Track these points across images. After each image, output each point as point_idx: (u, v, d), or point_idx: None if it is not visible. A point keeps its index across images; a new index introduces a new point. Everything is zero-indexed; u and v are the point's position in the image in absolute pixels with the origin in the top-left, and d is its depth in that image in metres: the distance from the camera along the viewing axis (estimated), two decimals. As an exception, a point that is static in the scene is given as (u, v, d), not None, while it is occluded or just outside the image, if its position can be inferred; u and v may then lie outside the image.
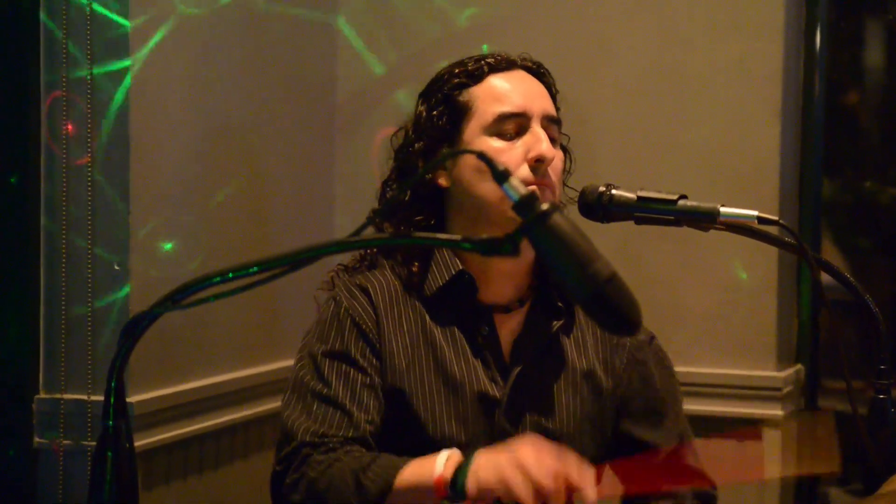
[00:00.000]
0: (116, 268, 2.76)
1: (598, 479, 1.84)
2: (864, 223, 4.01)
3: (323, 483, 1.91)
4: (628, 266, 3.07)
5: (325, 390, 2.02)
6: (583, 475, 1.76)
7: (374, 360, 2.05)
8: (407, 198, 2.13)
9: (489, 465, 1.78)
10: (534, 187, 2.02)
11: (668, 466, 2.08)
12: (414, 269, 2.10)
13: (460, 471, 1.81)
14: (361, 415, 2.00)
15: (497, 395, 2.08)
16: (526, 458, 1.76)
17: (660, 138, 3.40)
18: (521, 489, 1.73)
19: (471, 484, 1.79)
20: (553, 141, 2.09)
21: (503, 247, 1.35)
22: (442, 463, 1.84)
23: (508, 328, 2.12)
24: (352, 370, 2.03)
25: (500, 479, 1.75)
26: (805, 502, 3.52)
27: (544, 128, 2.08)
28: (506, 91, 2.09)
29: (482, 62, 2.11)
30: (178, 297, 1.37)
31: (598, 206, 1.99)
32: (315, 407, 2.01)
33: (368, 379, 2.03)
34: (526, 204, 1.36)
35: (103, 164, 2.76)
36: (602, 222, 2.01)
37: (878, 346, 1.85)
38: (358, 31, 3.65)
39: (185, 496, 2.99)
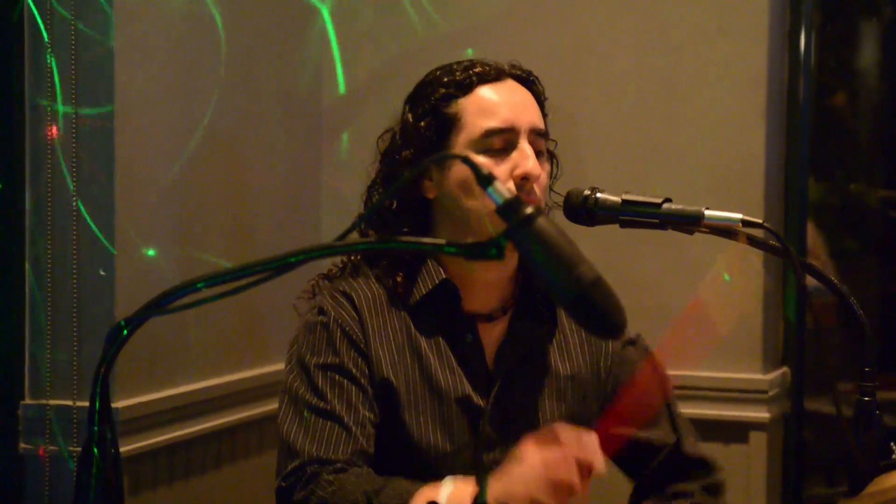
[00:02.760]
0: (101, 273, 2.76)
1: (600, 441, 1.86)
2: (850, 225, 4.02)
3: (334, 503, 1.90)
4: (613, 269, 3.06)
5: (322, 404, 2.00)
6: (588, 449, 1.79)
7: (366, 369, 2.04)
8: (394, 206, 2.11)
9: (503, 488, 1.78)
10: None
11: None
12: (398, 279, 2.09)
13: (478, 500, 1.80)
14: (359, 430, 1.99)
15: (481, 403, 2.07)
16: (533, 463, 1.77)
17: (645, 141, 3.41)
18: (544, 498, 1.75)
19: None
20: (540, 154, 2.07)
21: (488, 251, 1.35)
22: (444, 499, 1.81)
23: (492, 336, 2.11)
24: (346, 382, 2.01)
25: (520, 496, 1.76)
26: (791, 503, 3.53)
27: (531, 142, 2.05)
28: (494, 104, 2.05)
29: (471, 72, 2.08)
30: (163, 303, 1.37)
31: (583, 210, 1.99)
32: (313, 422, 1.99)
33: (362, 392, 2.02)
34: (510, 208, 1.36)
35: (88, 171, 2.75)
36: (587, 226, 2.01)
37: (864, 349, 1.85)
38: (344, 36, 3.65)
39: (171, 502, 2.99)
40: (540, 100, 2.14)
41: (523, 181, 2.02)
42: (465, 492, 1.79)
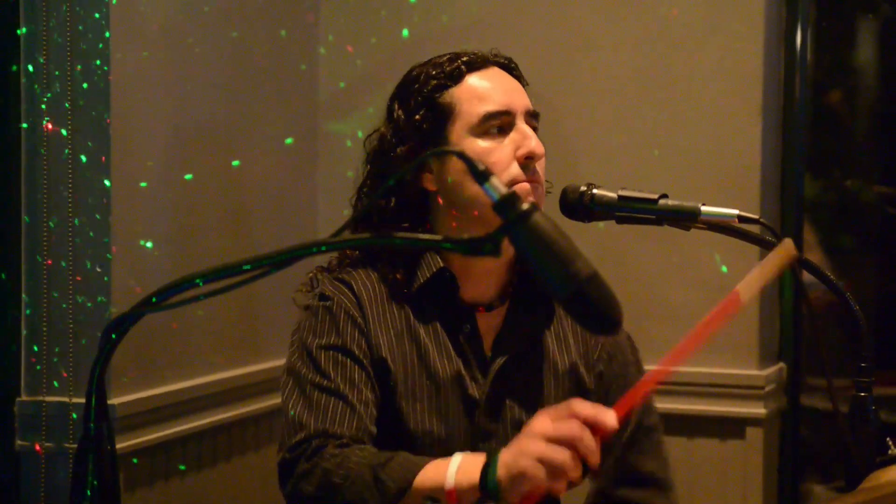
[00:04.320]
0: (98, 269, 2.76)
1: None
2: (846, 222, 4.02)
3: (338, 476, 1.87)
4: (610, 265, 3.07)
5: (326, 382, 2.00)
6: (595, 407, 1.71)
7: (367, 351, 2.04)
8: (392, 204, 2.11)
9: (512, 455, 1.72)
10: (525, 184, 2.03)
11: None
12: (398, 276, 2.09)
13: (488, 473, 1.75)
14: (362, 408, 1.98)
15: (477, 393, 2.08)
16: (539, 427, 1.71)
17: (641, 138, 3.41)
18: (553, 453, 1.67)
19: (504, 480, 1.72)
20: (535, 131, 2.09)
21: (484, 247, 1.35)
22: (453, 472, 1.80)
23: (490, 325, 2.12)
24: (349, 362, 2.02)
25: (530, 458, 1.69)
26: (788, 500, 3.53)
27: (527, 123, 2.08)
28: (487, 90, 2.08)
29: (458, 62, 2.10)
30: (159, 299, 1.37)
31: (580, 206, 1.99)
32: (317, 398, 1.98)
33: (365, 372, 2.02)
34: (506, 203, 1.36)
35: (84, 165, 2.75)
36: (584, 221, 2.01)
37: (860, 345, 1.85)
38: (340, 30, 3.65)
39: (167, 498, 2.99)
40: (523, 84, 2.16)
41: (528, 161, 2.04)
42: (474, 464, 1.78)
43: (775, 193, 3.50)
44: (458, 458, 1.82)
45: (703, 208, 1.90)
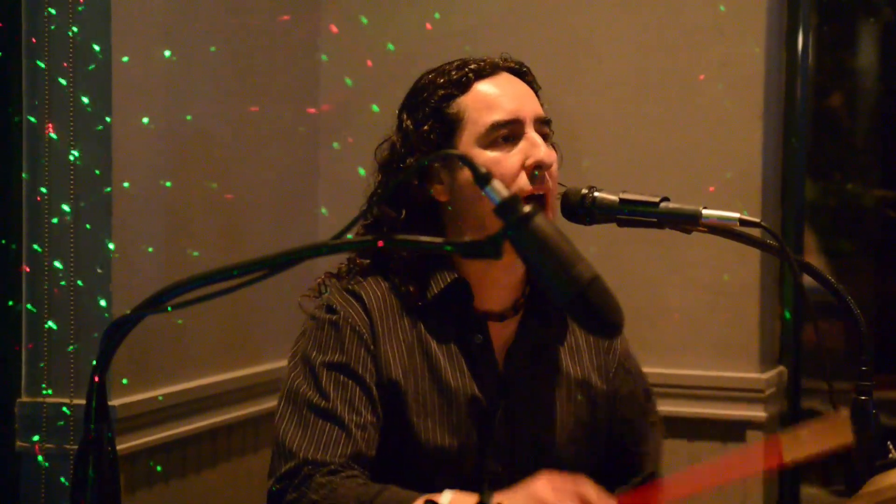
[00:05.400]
0: (98, 271, 2.76)
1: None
2: (847, 225, 4.03)
3: None
4: (611, 268, 3.07)
5: (324, 403, 1.96)
6: (602, 497, 1.74)
7: (373, 370, 2.00)
8: (403, 215, 2.06)
9: (508, 502, 1.75)
10: (531, 196, 1.99)
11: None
12: (411, 289, 2.05)
13: None
14: (359, 432, 1.95)
15: (489, 406, 2.05)
16: (542, 489, 1.74)
17: (642, 141, 3.41)
18: None
19: None
20: (546, 138, 2.05)
21: (485, 249, 1.35)
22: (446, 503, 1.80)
23: (503, 336, 2.08)
24: (351, 383, 1.98)
25: None
26: (788, 502, 3.53)
27: (537, 130, 2.03)
28: (495, 98, 2.03)
29: (466, 69, 2.05)
30: (159, 301, 1.37)
31: (581, 209, 1.99)
32: (312, 422, 1.95)
33: (367, 394, 1.98)
34: (507, 207, 1.36)
35: (85, 169, 2.75)
36: (585, 224, 2.01)
37: (860, 348, 1.85)
38: (341, 37, 3.65)
39: (167, 500, 2.98)
40: (535, 88, 2.12)
41: (536, 170, 2.00)
42: (467, 501, 1.78)
43: (776, 197, 3.50)
44: (448, 495, 1.81)
45: (705, 211, 1.89)
